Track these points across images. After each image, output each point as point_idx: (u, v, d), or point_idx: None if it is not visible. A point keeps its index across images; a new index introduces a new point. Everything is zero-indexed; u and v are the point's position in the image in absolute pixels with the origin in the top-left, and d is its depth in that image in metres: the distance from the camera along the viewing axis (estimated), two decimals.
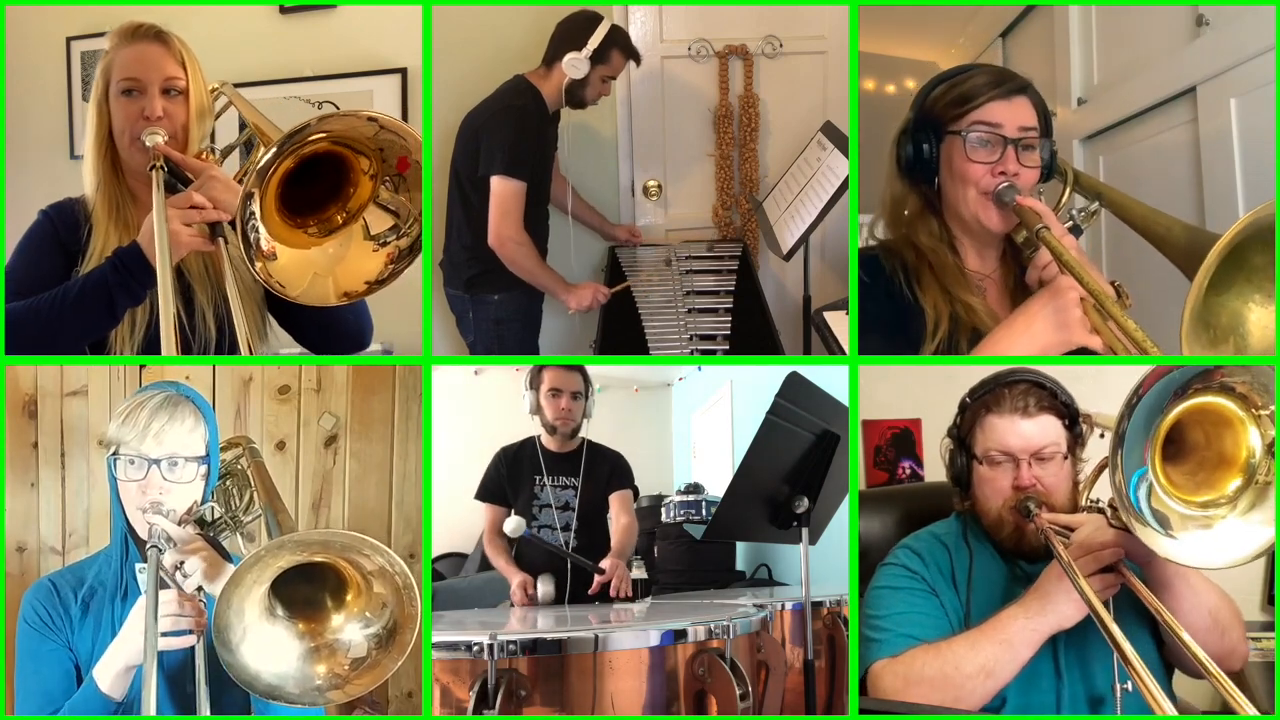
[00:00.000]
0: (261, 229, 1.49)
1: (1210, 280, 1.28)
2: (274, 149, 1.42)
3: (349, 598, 1.25)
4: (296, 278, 1.54)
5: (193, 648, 1.29)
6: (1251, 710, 1.11)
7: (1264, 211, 1.29)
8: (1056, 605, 1.40)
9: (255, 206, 1.46)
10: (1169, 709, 1.14)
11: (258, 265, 1.49)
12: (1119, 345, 1.33)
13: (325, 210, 1.59)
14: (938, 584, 1.57)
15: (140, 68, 1.71)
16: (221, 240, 1.57)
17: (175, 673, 1.36)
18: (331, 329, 1.84)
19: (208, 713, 1.23)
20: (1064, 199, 1.82)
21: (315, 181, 1.55)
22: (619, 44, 2.92)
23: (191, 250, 1.58)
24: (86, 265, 1.70)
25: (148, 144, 1.67)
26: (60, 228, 1.74)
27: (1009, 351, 1.42)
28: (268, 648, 1.21)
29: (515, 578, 2.61)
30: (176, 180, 1.65)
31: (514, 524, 2.51)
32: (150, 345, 1.70)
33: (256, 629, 1.20)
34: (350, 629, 1.24)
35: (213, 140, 1.84)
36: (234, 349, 1.51)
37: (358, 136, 1.51)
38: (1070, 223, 1.60)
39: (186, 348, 1.74)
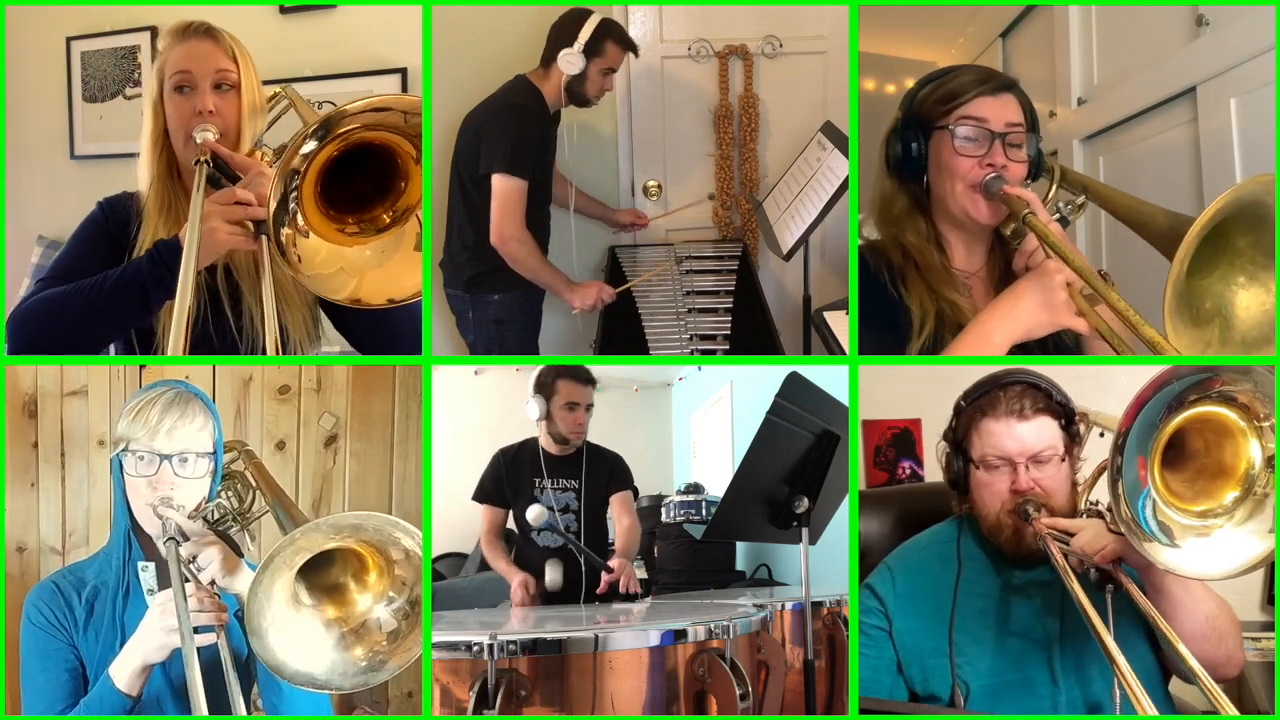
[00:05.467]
0: (299, 211, 1.44)
1: (1193, 263, 1.27)
2: (319, 128, 1.36)
3: (371, 579, 1.25)
4: (319, 264, 1.48)
5: (215, 643, 1.28)
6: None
7: (1244, 190, 1.27)
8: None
9: (297, 183, 1.40)
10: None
11: (285, 231, 1.43)
12: (1104, 327, 1.33)
13: (370, 209, 1.54)
14: (902, 609, 1.58)
15: (191, 63, 1.71)
16: (264, 239, 1.51)
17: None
18: (383, 330, 1.76)
19: (241, 707, 1.22)
20: (1050, 195, 1.81)
21: (360, 180, 1.50)
22: (612, 35, 2.91)
23: (231, 248, 1.55)
24: None
25: (197, 139, 1.66)
26: (112, 221, 1.75)
27: (993, 332, 1.42)
28: (297, 638, 1.19)
29: (515, 577, 2.61)
30: (225, 177, 1.63)
31: (536, 512, 2.49)
32: (197, 343, 1.67)
33: (284, 617, 1.19)
34: (378, 609, 1.24)
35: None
36: (287, 350, 1.49)
37: (402, 126, 1.45)
38: (1058, 215, 1.60)
39: (235, 349, 1.72)
